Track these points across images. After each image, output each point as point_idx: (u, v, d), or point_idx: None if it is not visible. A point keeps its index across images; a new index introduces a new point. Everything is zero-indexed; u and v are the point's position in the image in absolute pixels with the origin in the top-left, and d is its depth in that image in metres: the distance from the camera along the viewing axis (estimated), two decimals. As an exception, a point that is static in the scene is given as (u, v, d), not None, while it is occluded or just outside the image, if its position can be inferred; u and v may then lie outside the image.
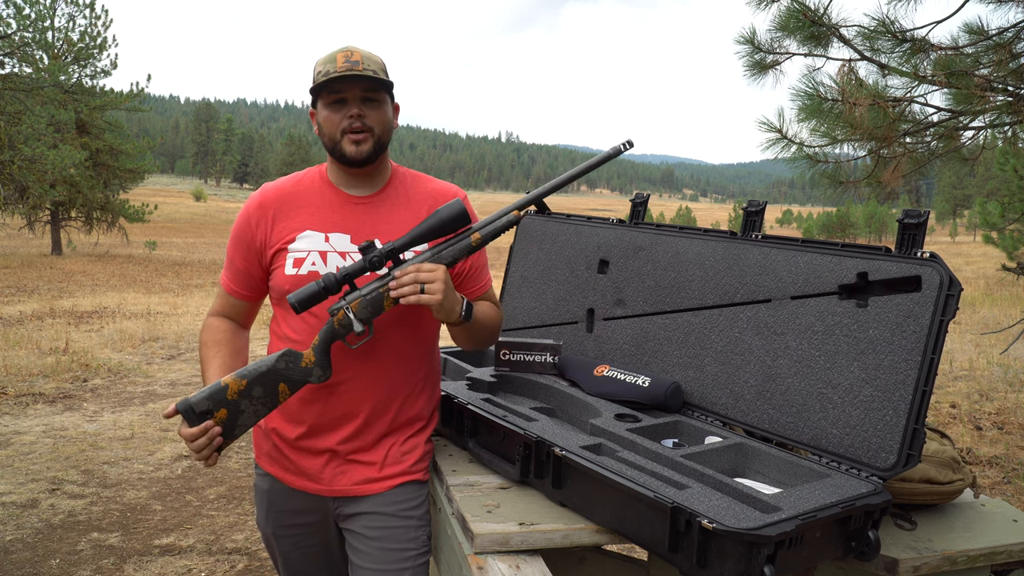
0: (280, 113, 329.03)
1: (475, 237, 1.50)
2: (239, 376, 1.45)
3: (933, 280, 1.42)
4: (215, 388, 1.44)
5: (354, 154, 1.56)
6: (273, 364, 1.46)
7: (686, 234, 1.96)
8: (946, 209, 61.61)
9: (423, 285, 1.44)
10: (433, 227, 1.47)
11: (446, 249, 1.50)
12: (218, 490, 4.14)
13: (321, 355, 1.49)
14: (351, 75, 1.51)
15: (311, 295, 1.45)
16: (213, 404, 1.43)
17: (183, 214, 53.27)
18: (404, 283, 1.44)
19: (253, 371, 1.46)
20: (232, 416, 1.45)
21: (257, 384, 1.45)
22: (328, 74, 1.53)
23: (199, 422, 1.42)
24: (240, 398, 1.44)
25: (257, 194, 1.69)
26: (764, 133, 4.51)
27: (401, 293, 1.44)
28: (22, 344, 7.59)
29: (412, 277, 1.44)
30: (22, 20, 15.72)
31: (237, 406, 1.44)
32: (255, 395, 1.46)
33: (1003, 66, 3.79)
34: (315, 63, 1.59)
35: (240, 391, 1.44)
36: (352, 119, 1.54)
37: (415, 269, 1.45)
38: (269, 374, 1.46)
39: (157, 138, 25.66)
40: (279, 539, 1.73)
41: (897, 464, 1.41)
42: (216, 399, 1.43)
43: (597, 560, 2.07)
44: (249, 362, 1.70)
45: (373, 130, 1.57)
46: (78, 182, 18.15)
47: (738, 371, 1.73)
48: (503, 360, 2.06)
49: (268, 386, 1.47)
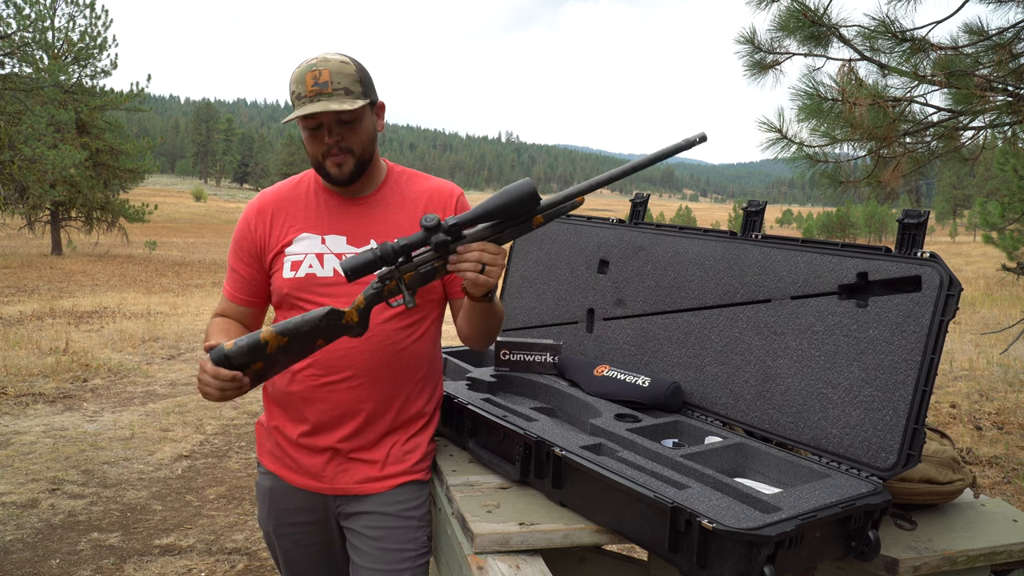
0: (280, 113, 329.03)
1: (536, 220, 1.43)
2: (280, 332, 1.40)
3: (933, 280, 1.42)
4: (254, 343, 1.40)
5: (337, 175, 1.56)
6: (317, 322, 1.42)
7: (686, 234, 1.96)
8: (946, 209, 61.63)
9: (484, 266, 1.39)
10: (502, 206, 1.39)
11: (508, 230, 1.42)
12: (218, 490, 4.14)
13: (363, 315, 1.45)
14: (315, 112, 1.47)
15: (365, 263, 1.39)
16: (250, 359, 1.40)
17: (183, 214, 53.29)
18: (467, 259, 1.39)
19: (296, 328, 1.41)
20: (266, 367, 1.43)
21: (297, 340, 1.42)
22: (300, 98, 1.50)
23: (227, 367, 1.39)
24: (278, 352, 1.42)
25: (255, 200, 1.71)
26: (764, 133, 4.52)
27: (460, 269, 1.39)
28: (22, 344, 7.59)
29: (477, 256, 1.39)
30: (22, 20, 15.72)
31: (273, 358, 1.42)
32: (293, 348, 1.43)
33: (1003, 66, 3.79)
34: (289, 80, 1.55)
35: (280, 346, 1.41)
36: (329, 145, 1.53)
37: (480, 247, 1.39)
38: (312, 332, 1.42)
39: (157, 138, 25.67)
40: (280, 537, 1.73)
41: (897, 464, 1.41)
42: (255, 354, 1.40)
43: (597, 560, 2.07)
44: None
45: (353, 151, 1.55)
46: (78, 182, 18.15)
47: (738, 371, 1.73)
48: (503, 360, 2.06)
49: (307, 341, 1.43)
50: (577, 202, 1.43)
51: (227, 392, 1.40)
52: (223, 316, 1.73)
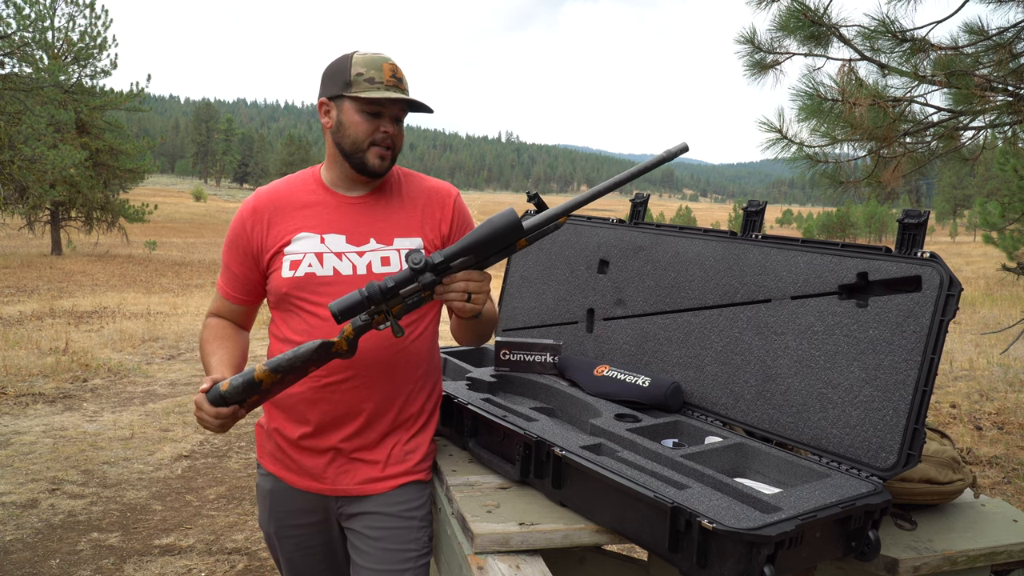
0: (280, 113, 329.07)
1: (521, 243, 1.46)
2: (273, 370, 1.44)
3: (933, 280, 1.42)
4: (248, 382, 1.44)
5: (378, 167, 1.59)
6: (308, 357, 1.45)
7: (686, 234, 1.96)
8: (946, 209, 61.64)
9: (471, 295, 1.44)
10: (486, 238, 1.41)
11: (492, 256, 1.46)
12: (218, 490, 4.14)
13: (351, 344, 1.48)
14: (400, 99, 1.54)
15: (353, 305, 1.41)
16: (246, 396, 1.45)
17: (183, 214, 53.28)
18: (453, 289, 1.43)
19: (288, 365, 1.44)
20: (261, 399, 1.49)
21: (291, 374, 1.46)
22: (373, 82, 1.54)
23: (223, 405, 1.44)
24: (271, 386, 1.46)
25: (251, 199, 1.70)
26: (764, 133, 4.52)
27: (447, 299, 1.45)
28: (22, 344, 7.59)
29: (463, 286, 1.43)
30: (22, 20, 15.72)
31: (268, 391, 1.47)
32: (286, 381, 1.48)
33: (1003, 66, 3.79)
34: (352, 59, 1.57)
35: (274, 383, 1.46)
36: (385, 134, 1.57)
37: (465, 276, 1.44)
38: (303, 365, 1.46)
39: (157, 138, 25.67)
40: (281, 539, 1.73)
41: (897, 464, 1.41)
42: (250, 391, 1.45)
43: (597, 560, 2.07)
44: (249, 360, 1.70)
45: (396, 147, 1.61)
46: (78, 182, 18.15)
47: (738, 371, 1.73)
48: (503, 360, 2.06)
49: (299, 373, 1.48)
50: (559, 223, 1.46)
51: (226, 424, 1.47)
52: (217, 316, 1.75)
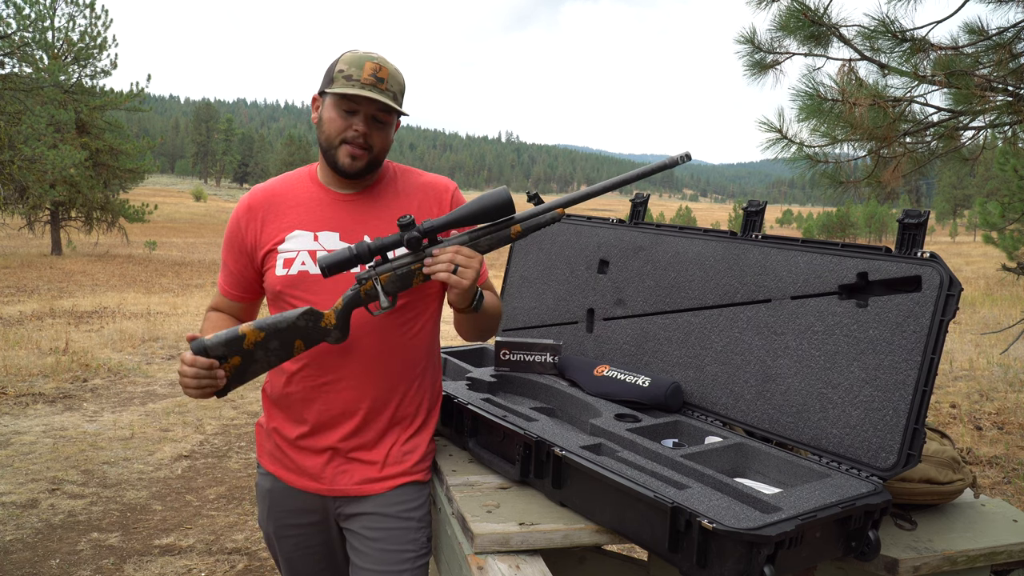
0: (280, 113, 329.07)
1: (515, 229, 1.48)
2: (257, 328, 1.43)
3: (933, 280, 1.42)
4: (232, 335, 1.42)
5: (347, 167, 1.57)
6: (294, 321, 1.45)
7: (686, 234, 1.96)
8: (946, 209, 61.62)
9: (457, 267, 1.44)
10: (475, 212, 1.44)
11: (484, 236, 1.47)
12: (218, 490, 4.14)
13: (342, 319, 1.49)
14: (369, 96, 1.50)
15: (341, 260, 1.44)
16: (228, 351, 1.42)
17: (183, 214, 53.27)
18: (440, 261, 1.44)
19: (272, 324, 1.44)
20: (244, 364, 1.45)
21: (275, 337, 1.45)
22: (351, 79, 1.51)
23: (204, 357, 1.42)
24: (256, 348, 1.44)
25: (246, 197, 1.70)
26: (764, 133, 4.51)
27: (434, 270, 1.44)
28: (22, 344, 7.59)
29: (450, 257, 1.43)
30: (22, 20, 15.72)
31: (251, 355, 1.45)
32: (271, 347, 1.45)
33: (1003, 66, 3.79)
34: (341, 56, 1.57)
35: (257, 342, 1.44)
36: (356, 133, 1.54)
37: (455, 250, 1.44)
38: (289, 330, 1.45)
39: (157, 138, 25.65)
40: (281, 539, 1.73)
41: (897, 464, 1.41)
42: (232, 346, 1.43)
43: (597, 560, 2.07)
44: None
45: (372, 149, 1.57)
46: (78, 182, 18.15)
47: (738, 371, 1.73)
48: (503, 360, 2.06)
49: (285, 340, 1.46)
50: (557, 214, 1.47)
51: (203, 382, 1.42)
52: (217, 310, 1.75)
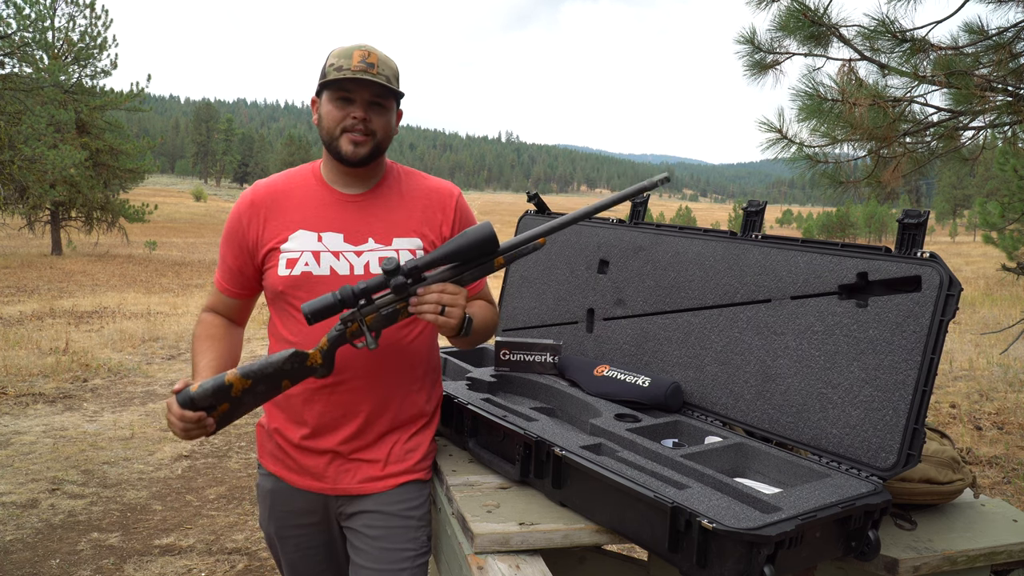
0: (280, 113, 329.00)
1: (498, 262, 1.46)
2: (244, 376, 1.44)
3: (933, 280, 1.42)
4: (219, 385, 1.42)
5: (351, 154, 1.56)
6: (280, 366, 1.46)
7: (686, 234, 1.96)
8: (946, 209, 61.61)
9: (444, 308, 1.42)
10: (460, 248, 1.42)
11: (467, 272, 1.46)
12: (218, 490, 4.14)
13: (327, 358, 1.49)
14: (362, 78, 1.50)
15: (325, 307, 1.42)
16: (216, 400, 1.43)
17: (183, 214, 53.27)
18: (426, 302, 1.42)
19: (259, 370, 1.45)
20: (232, 409, 1.46)
21: (262, 382, 1.45)
22: (341, 69, 1.51)
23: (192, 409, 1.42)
24: (243, 394, 1.45)
25: (249, 192, 1.68)
26: (764, 133, 4.51)
27: (421, 311, 1.42)
28: (22, 344, 7.59)
29: (436, 298, 1.41)
30: (22, 20, 15.71)
31: (239, 400, 1.45)
32: (258, 391, 1.46)
33: (1003, 66, 3.79)
34: (330, 53, 1.57)
35: (244, 388, 1.44)
36: (355, 120, 1.54)
37: (440, 289, 1.42)
38: (276, 374, 1.46)
39: (157, 138, 25.66)
40: (282, 539, 1.73)
41: (897, 464, 1.41)
42: (220, 396, 1.43)
43: (597, 560, 2.07)
44: (243, 359, 1.70)
45: (375, 134, 1.56)
46: (78, 182, 18.15)
47: (738, 371, 1.73)
48: (503, 360, 2.06)
49: (272, 383, 1.47)
50: (539, 244, 1.46)
51: (191, 432, 1.43)
52: (212, 311, 1.73)
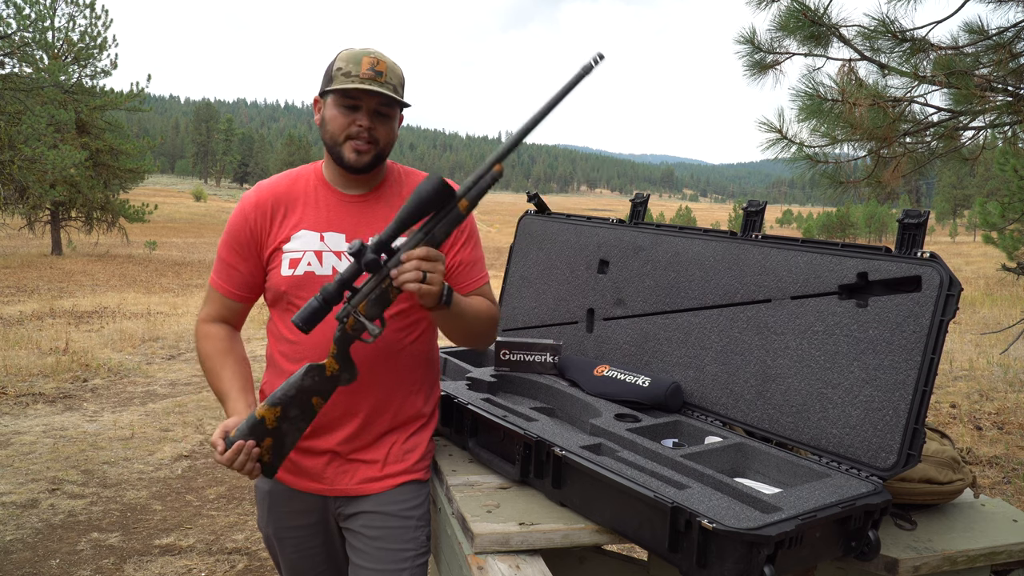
0: (280, 113, 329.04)
1: (463, 204, 1.42)
2: (271, 405, 1.47)
3: (933, 280, 1.42)
4: (252, 423, 1.47)
5: (354, 162, 1.56)
6: (300, 383, 1.48)
7: (686, 234, 1.96)
8: (946, 209, 61.59)
9: (426, 273, 1.39)
10: (416, 208, 1.39)
11: (437, 226, 1.42)
12: (218, 490, 4.14)
13: (343, 360, 1.49)
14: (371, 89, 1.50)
15: (312, 312, 1.42)
16: (258, 437, 1.47)
17: (183, 214, 53.26)
18: (406, 270, 1.38)
19: (284, 396, 1.48)
20: (277, 441, 1.49)
21: (293, 407, 1.49)
22: (349, 76, 1.51)
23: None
24: (280, 423, 1.48)
25: (252, 192, 1.67)
26: (764, 133, 4.51)
27: (403, 281, 1.38)
28: (22, 344, 7.59)
29: (415, 264, 1.38)
30: (22, 20, 15.71)
31: (279, 431, 1.48)
32: (292, 416, 1.49)
33: (1003, 66, 3.79)
34: (337, 55, 1.57)
35: (278, 418, 1.48)
36: (360, 128, 1.54)
37: (417, 257, 1.39)
38: (300, 393, 1.48)
39: (157, 138, 25.65)
40: (281, 541, 1.73)
41: (897, 464, 1.41)
42: (258, 432, 1.47)
43: (597, 560, 2.07)
44: (248, 360, 1.70)
45: (378, 142, 1.57)
46: (78, 182, 18.14)
47: (738, 371, 1.73)
48: (503, 360, 2.06)
49: (302, 404, 1.49)
50: (496, 173, 1.41)
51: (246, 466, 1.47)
52: (212, 322, 1.69)
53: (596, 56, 1.37)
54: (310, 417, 1.51)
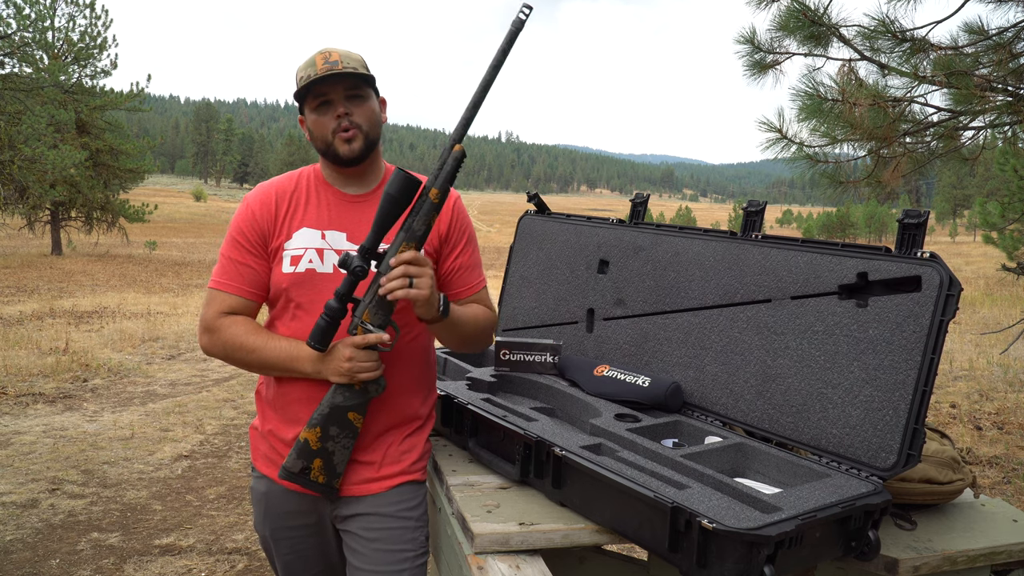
0: (280, 113, 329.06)
1: (433, 193, 1.48)
2: (311, 428, 1.52)
3: (933, 280, 1.42)
4: (298, 447, 1.52)
5: (347, 153, 1.57)
6: (332, 401, 1.52)
7: (686, 234, 1.96)
8: (946, 209, 61.58)
9: (412, 279, 1.44)
10: (388, 209, 1.45)
11: (415, 221, 1.48)
12: (218, 490, 4.14)
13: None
14: (332, 75, 1.52)
15: (321, 330, 1.47)
16: (307, 460, 1.52)
17: (183, 214, 53.27)
18: (393, 278, 1.44)
19: (319, 416, 1.52)
20: (327, 460, 1.54)
21: (331, 425, 1.52)
22: (309, 78, 1.53)
23: (301, 480, 1.54)
24: (323, 443, 1.52)
25: (255, 192, 1.67)
26: (764, 133, 4.51)
27: (390, 289, 1.43)
28: (22, 344, 7.59)
29: (401, 271, 1.43)
30: (22, 20, 15.71)
31: (326, 450, 1.53)
32: (333, 434, 1.53)
33: (1003, 66, 3.79)
34: (296, 71, 1.59)
35: (320, 438, 1.52)
36: (340, 118, 1.55)
37: (402, 262, 1.44)
38: (335, 411, 1.52)
39: (157, 138, 25.65)
40: (277, 542, 1.73)
41: (897, 464, 1.41)
42: (306, 455, 1.52)
43: (597, 560, 2.07)
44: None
45: (361, 127, 1.57)
46: (78, 182, 18.15)
47: (738, 371, 1.73)
48: (503, 360, 2.06)
49: (340, 421, 1.53)
50: (457, 153, 1.48)
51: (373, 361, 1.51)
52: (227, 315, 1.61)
53: (524, 8, 1.44)
54: (353, 433, 1.54)
